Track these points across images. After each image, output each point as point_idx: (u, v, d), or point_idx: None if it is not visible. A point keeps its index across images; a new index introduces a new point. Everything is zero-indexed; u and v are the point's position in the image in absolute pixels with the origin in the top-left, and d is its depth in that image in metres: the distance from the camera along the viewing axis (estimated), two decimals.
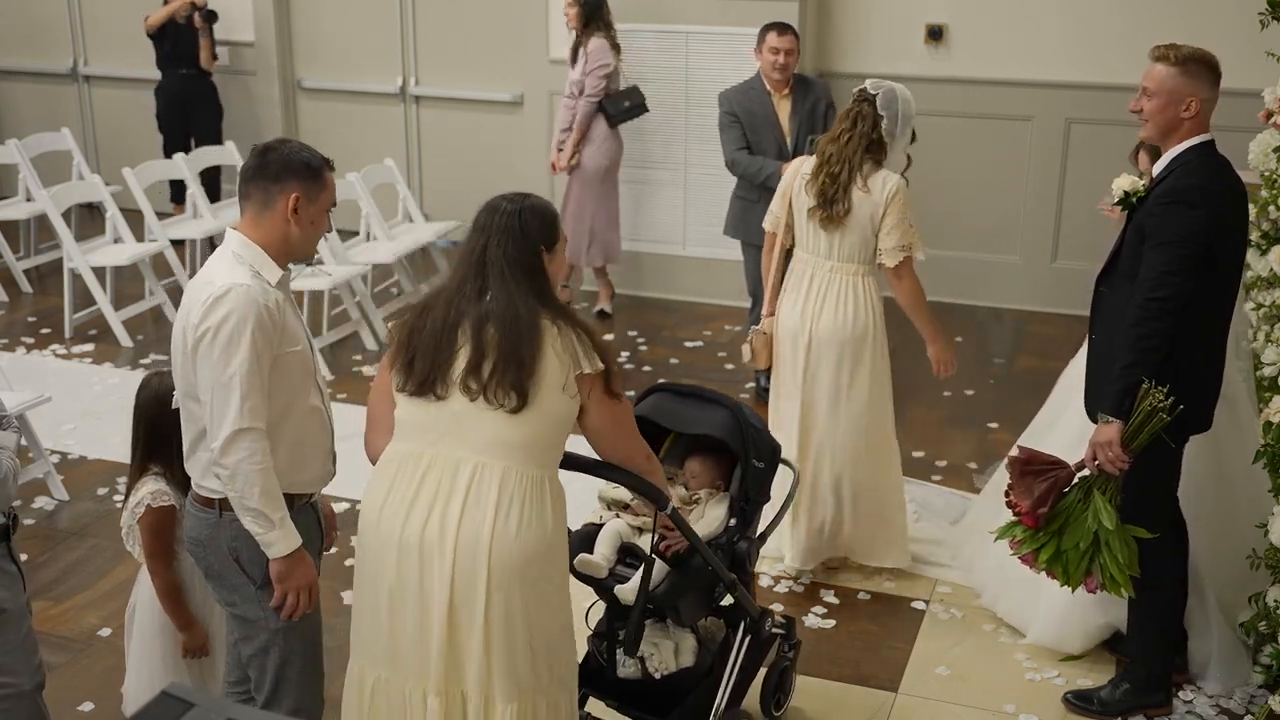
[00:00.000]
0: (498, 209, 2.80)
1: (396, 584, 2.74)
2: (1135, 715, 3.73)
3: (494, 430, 2.70)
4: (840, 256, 4.24)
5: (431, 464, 2.73)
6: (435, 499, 2.71)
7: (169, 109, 8.29)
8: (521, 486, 2.71)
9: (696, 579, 3.21)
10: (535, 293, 2.75)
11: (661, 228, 7.44)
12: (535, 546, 2.71)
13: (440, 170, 8.57)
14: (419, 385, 2.74)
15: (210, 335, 2.70)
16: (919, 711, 3.81)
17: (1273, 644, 3.71)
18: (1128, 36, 6.52)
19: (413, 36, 8.43)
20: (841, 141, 4.18)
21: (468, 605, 2.69)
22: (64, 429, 5.58)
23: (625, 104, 6.75)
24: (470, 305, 2.74)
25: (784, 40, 5.44)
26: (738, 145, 5.51)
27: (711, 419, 3.36)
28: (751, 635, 3.41)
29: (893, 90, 4.19)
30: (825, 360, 4.29)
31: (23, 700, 2.96)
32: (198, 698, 1.51)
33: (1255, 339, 4.47)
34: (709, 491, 3.41)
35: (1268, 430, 3.78)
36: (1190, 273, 3.28)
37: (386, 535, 2.74)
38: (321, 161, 2.89)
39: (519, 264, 2.75)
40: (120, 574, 4.51)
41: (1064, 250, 7.15)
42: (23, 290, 7.58)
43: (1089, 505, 3.40)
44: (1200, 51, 3.39)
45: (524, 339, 2.69)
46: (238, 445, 2.70)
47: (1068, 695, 3.82)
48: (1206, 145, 3.39)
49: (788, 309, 4.37)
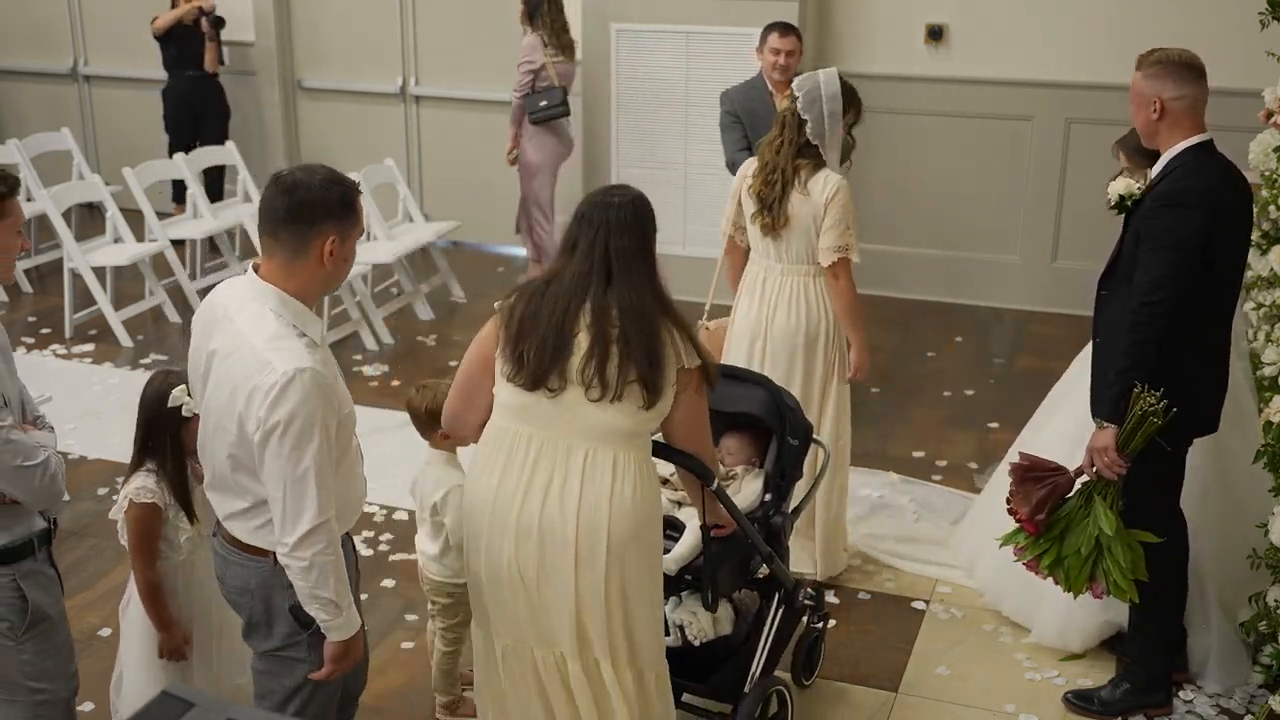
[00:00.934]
0: (611, 203, 2.84)
1: (515, 564, 2.84)
2: (1135, 715, 3.73)
3: (604, 419, 2.78)
4: (790, 259, 4.26)
5: (543, 447, 2.82)
6: (551, 482, 2.81)
7: (176, 111, 8.29)
8: (632, 467, 2.82)
9: (735, 551, 3.30)
10: (655, 288, 2.83)
11: (661, 228, 7.34)
12: (648, 515, 2.85)
13: (440, 170, 8.57)
14: (532, 380, 2.79)
15: (280, 430, 2.51)
16: (919, 711, 3.81)
17: (1273, 644, 3.71)
18: (1128, 37, 6.51)
19: (413, 36, 8.43)
20: (774, 148, 4.19)
21: (592, 579, 2.81)
22: (64, 429, 5.53)
23: (542, 103, 6.92)
24: (591, 298, 2.78)
25: (786, 41, 5.44)
26: (739, 146, 5.51)
27: (751, 397, 3.50)
28: (786, 605, 3.53)
29: (816, 88, 4.12)
30: (779, 362, 4.30)
31: (57, 707, 2.96)
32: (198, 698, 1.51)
33: (1255, 339, 4.46)
34: (745, 467, 3.53)
35: (1268, 430, 3.78)
36: (1185, 276, 3.27)
37: (503, 518, 2.84)
38: (354, 191, 2.69)
39: (641, 257, 2.83)
40: (120, 574, 4.50)
41: (1064, 250, 7.15)
42: (23, 290, 7.58)
43: (1090, 511, 3.40)
44: (1171, 53, 3.38)
45: (654, 337, 2.77)
46: (315, 539, 2.57)
47: (1068, 695, 3.82)
48: (1203, 145, 3.38)
49: (743, 310, 4.41)
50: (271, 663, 2.81)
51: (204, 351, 2.69)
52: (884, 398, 6.05)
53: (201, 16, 8.08)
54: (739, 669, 3.44)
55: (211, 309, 2.71)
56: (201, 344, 2.70)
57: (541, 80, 6.95)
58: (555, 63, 6.96)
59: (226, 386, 2.60)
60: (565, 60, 7.01)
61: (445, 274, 7.52)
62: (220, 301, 2.71)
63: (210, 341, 2.67)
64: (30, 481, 2.73)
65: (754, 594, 3.63)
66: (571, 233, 2.87)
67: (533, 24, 6.93)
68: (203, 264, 7.60)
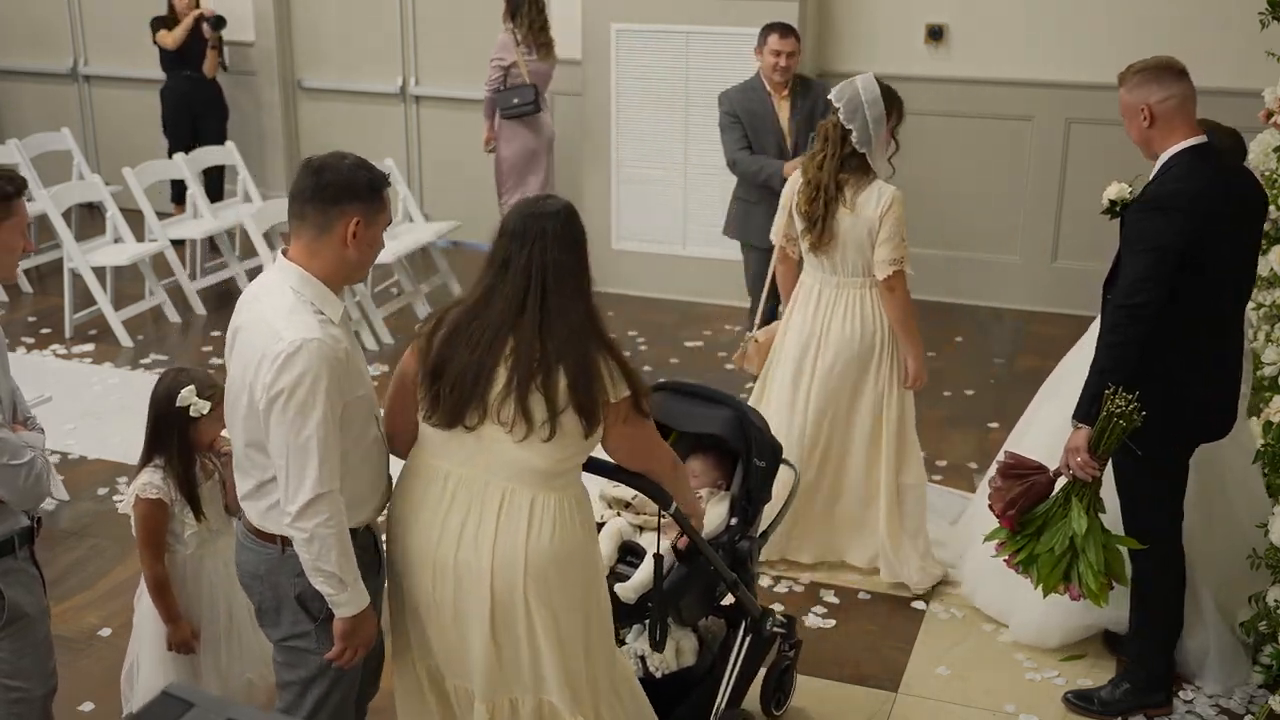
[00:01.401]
0: (544, 213, 2.66)
1: (432, 601, 2.74)
2: (1135, 715, 3.73)
3: (523, 457, 2.65)
4: (845, 272, 4.22)
5: (460, 484, 2.70)
6: (466, 520, 2.69)
7: (175, 111, 8.28)
8: (550, 510, 2.69)
9: (698, 578, 3.19)
10: (589, 309, 2.67)
11: (661, 228, 7.44)
12: (570, 551, 2.71)
13: (440, 170, 8.57)
14: (448, 419, 2.66)
15: (285, 397, 2.56)
16: (919, 711, 3.81)
17: (1273, 644, 3.71)
18: (1128, 37, 6.51)
19: (413, 36, 8.43)
20: (816, 164, 4.15)
21: (509, 620, 2.70)
22: (64, 429, 5.58)
23: (514, 100, 7.08)
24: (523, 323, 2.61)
25: (786, 43, 5.43)
26: (739, 145, 5.50)
27: (714, 418, 3.35)
28: (753, 634, 3.40)
29: (856, 95, 4.07)
30: (833, 373, 4.26)
31: (32, 706, 2.95)
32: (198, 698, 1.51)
33: (1255, 339, 4.46)
34: (710, 490, 3.40)
35: (1268, 430, 3.78)
36: (1164, 279, 3.26)
37: (419, 553, 2.74)
38: (382, 180, 2.73)
39: (576, 274, 2.66)
40: (120, 574, 4.51)
41: (1064, 250, 7.15)
42: (23, 290, 7.57)
43: (1067, 512, 3.42)
44: (1149, 61, 3.39)
45: (589, 362, 2.62)
46: (316, 510, 2.59)
47: (1068, 695, 3.82)
48: (1198, 148, 3.36)
49: (797, 322, 4.34)
50: (285, 654, 2.86)
51: (232, 330, 2.76)
52: None
53: (203, 22, 8.10)
54: (703, 702, 3.32)
55: (246, 293, 2.79)
56: (232, 323, 2.77)
57: (514, 77, 7.09)
58: (528, 60, 7.06)
59: (242, 360, 2.67)
60: (540, 59, 7.12)
61: (445, 274, 7.52)
62: (253, 286, 2.79)
63: (238, 320, 2.74)
64: (14, 481, 2.74)
65: (721, 621, 3.50)
66: (501, 248, 2.66)
67: (513, 20, 7.05)
68: (203, 264, 7.60)
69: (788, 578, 4.49)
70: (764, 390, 4.49)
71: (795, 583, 4.46)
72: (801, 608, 4.31)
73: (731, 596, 3.35)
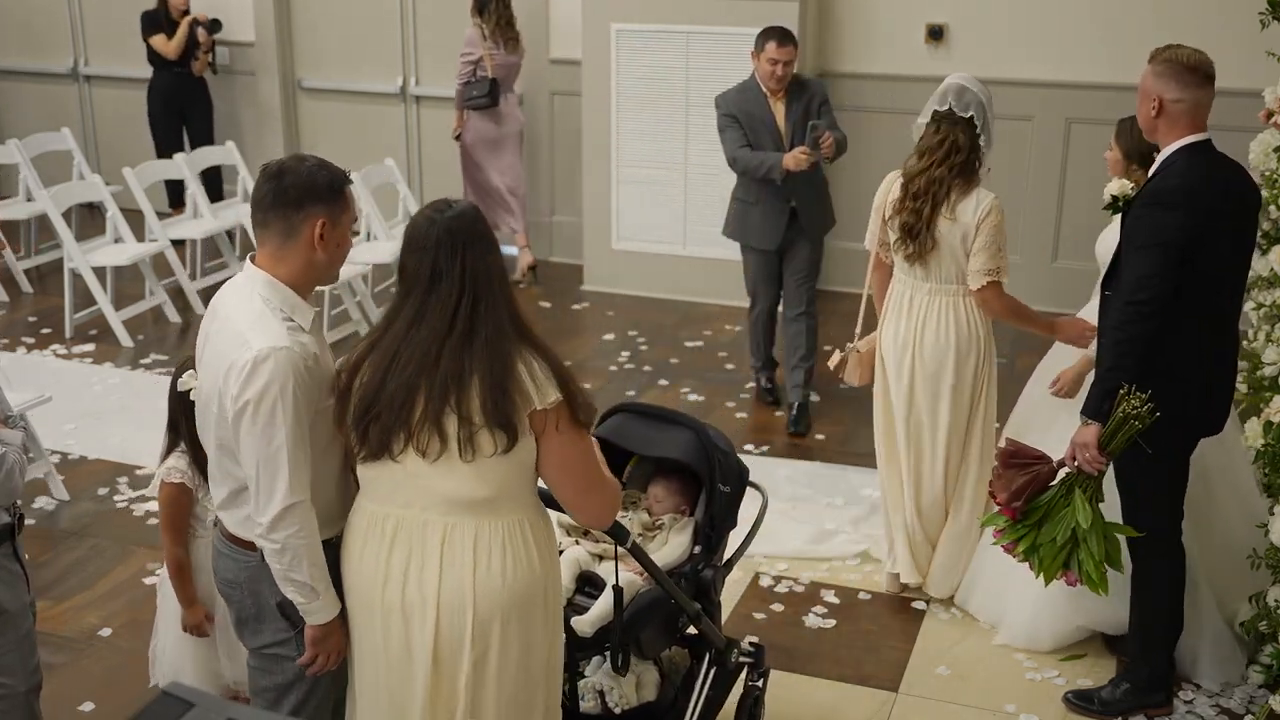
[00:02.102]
0: (455, 214, 2.51)
1: (383, 644, 2.64)
2: (1136, 715, 3.73)
3: (456, 488, 2.51)
4: (939, 279, 4.10)
5: (399, 526, 2.58)
6: (409, 563, 2.56)
7: (165, 108, 8.33)
8: (499, 537, 2.55)
9: (658, 610, 3.05)
10: (514, 312, 2.52)
11: (661, 228, 7.44)
12: (525, 589, 2.57)
13: (440, 170, 8.56)
14: (375, 449, 2.53)
15: (252, 408, 2.52)
16: (919, 711, 3.81)
17: (1273, 644, 3.71)
18: (1128, 37, 6.52)
19: (413, 36, 8.43)
20: (931, 172, 4.00)
21: (453, 659, 2.58)
22: (64, 429, 5.58)
23: (473, 94, 7.38)
24: (446, 343, 2.46)
25: (783, 51, 5.40)
26: (739, 143, 5.49)
27: (675, 441, 3.20)
28: (717, 666, 3.26)
29: (977, 100, 3.99)
30: (928, 380, 4.15)
31: (16, 702, 2.94)
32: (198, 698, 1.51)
33: (1255, 339, 4.46)
34: (673, 517, 3.25)
35: (1268, 430, 3.79)
36: (1167, 275, 3.27)
37: (365, 597, 2.63)
38: (343, 178, 2.70)
39: (500, 280, 2.52)
40: (120, 574, 4.51)
41: (1064, 250, 7.14)
42: (23, 290, 7.58)
43: (1069, 502, 3.42)
44: (1183, 54, 3.37)
45: (507, 371, 2.46)
46: (287, 521, 2.57)
47: (1068, 695, 3.82)
48: (1198, 145, 3.37)
49: (890, 331, 4.22)
50: (263, 660, 2.83)
51: (202, 338, 2.74)
52: None
53: (198, 27, 8.16)
54: None
55: (214, 303, 2.76)
56: (202, 331, 2.75)
57: (480, 70, 7.34)
58: (494, 54, 7.31)
59: (211, 367, 2.64)
60: (508, 52, 7.39)
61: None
62: (221, 294, 2.75)
63: (208, 327, 2.72)
64: None
65: (684, 652, 3.38)
66: (426, 261, 2.50)
67: (481, 15, 7.28)
68: (203, 264, 7.60)
69: (788, 578, 4.49)
70: (883, 401, 4.32)
71: (795, 583, 4.47)
72: (801, 608, 4.32)
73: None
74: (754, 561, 4.53)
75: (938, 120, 4.03)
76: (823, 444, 5.60)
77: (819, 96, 5.55)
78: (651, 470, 3.36)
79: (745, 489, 3.25)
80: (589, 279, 7.62)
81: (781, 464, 5.38)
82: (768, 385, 6.01)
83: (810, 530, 4.78)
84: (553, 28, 7.80)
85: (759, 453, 5.49)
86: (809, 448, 5.57)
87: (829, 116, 5.49)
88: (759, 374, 6.03)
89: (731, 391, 6.13)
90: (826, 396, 5.99)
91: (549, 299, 7.46)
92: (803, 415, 5.72)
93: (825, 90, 5.71)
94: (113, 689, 3.84)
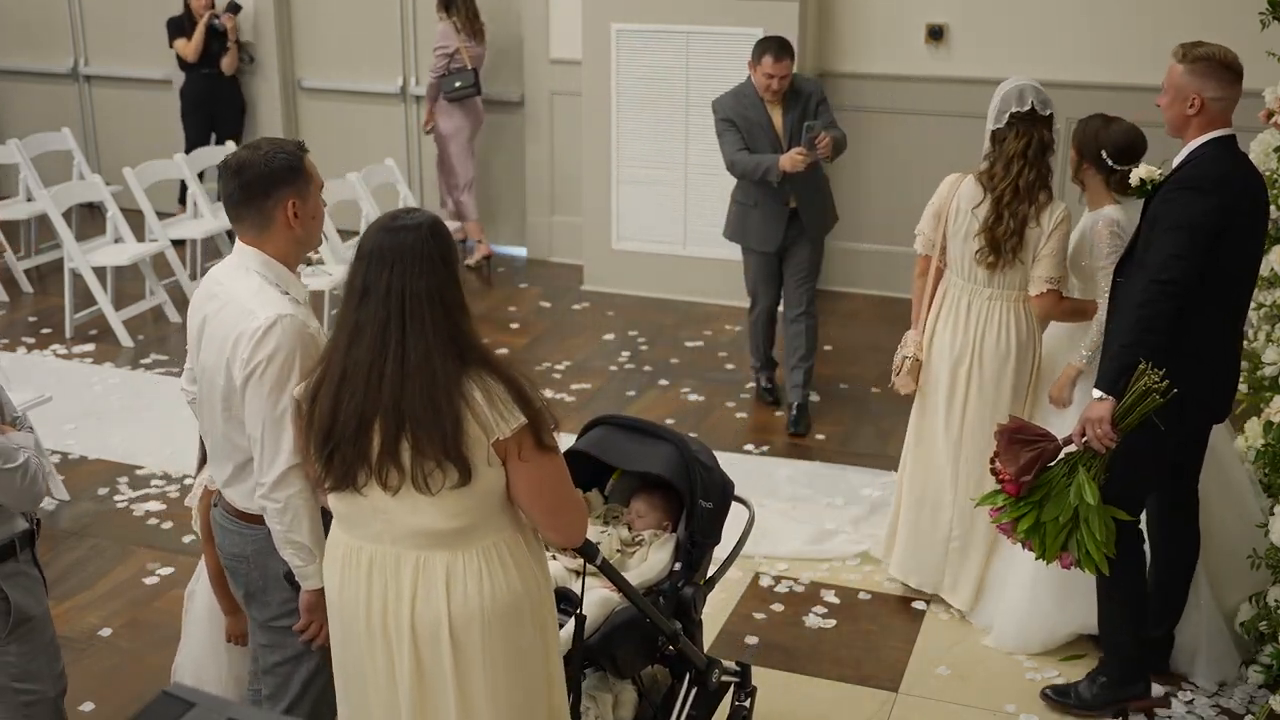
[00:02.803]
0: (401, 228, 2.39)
1: (369, 667, 2.59)
2: (1115, 707, 3.72)
3: (422, 522, 2.44)
4: (1002, 285, 4.08)
5: (373, 559, 2.52)
6: (386, 593, 2.51)
7: (195, 109, 8.41)
8: (473, 565, 2.48)
9: (633, 629, 2.96)
10: (457, 335, 2.38)
11: (661, 228, 7.44)
12: (505, 608, 2.50)
13: None
14: (340, 480, 2.46)
15: (261, 370, 2.63)
16: (919, 711, 3.81)
17: (1273, 644, 3.72)
18: (1128, 37, 6.52)
19: (413, 36, 8.42)
20: (1025, 177, 3.96)
21: (436, 680, 2.53)
22: (64, 429, 5.58)
23: (457, 84, 7.61)
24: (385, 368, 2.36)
25: (779, 66, 5.37)
26: (737, 147, 5.49)
27: (655, 456, 3.11)
28: (698, 687, 3.17)
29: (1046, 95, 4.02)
30: (988, 387, 4.11)
31: (45, 707, 2.95)
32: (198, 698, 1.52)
33: (1255, 339, 4.47)
34: (654, 533, 3.17)
35: (1268, 430, 3.79)
36: (1197, 258, 3.29)
37: (349, 623, 2.59)
38: (298, 153, 2.77)
39: (438, 299, 2.37)
40: (120, 574, 4.51)
41: None
42: (23, 290, 7.58)
43: (1072, 480, 3.41)
44: (1216, 51, 3.41)
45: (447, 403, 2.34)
46: (290, 480, 2.67)
47: (1046, 691, 3.81)
48: (1226, 139, 3.42)
49: (946, 336, 4.16)
50: (270, 635, 2.90)
51: (197, 320, 2.83)
52: (884, 397, 6.05)
53: (215, 19, 8.19)
54: None
55: (205, 284, 2.85)
56: (195, 315, 2.84)
57: (455, 63, 7.58)
58: (467, 46, 7.56)
59: (216, 341, 2.73)
60: (476, 44, 7.66)
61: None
62: (212, 275, 2.85)
63: (203, 310, 2.81)
64: (11, 484, 2.74)
65: (665, 670, 3.26)
66: (359, 274, 2.40)
67: (448, 12, 7.55)
68: (203, 264, 7.60)
69: (788, 578, 4.49)
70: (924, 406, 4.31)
71: (795, 583, 4.47)
72: (801, 608, 4.32)
73: None
74: (754, 561, 4.54)
75: (1017, 123, 3.99)
76: (823, 444, 5.60)
77: (816, 96, 5.53)
78: (635, 484, 3.30)
79: (729, 504, 3.16)
80: (589, 279, 7.62)
81: (781, 464, 5.39)
82: (768, 385, 6.01)
83: (810, 530, 4.79)
84: (553, 28, 7.80)
85: (759, 453, 5.49)
86: (809, 448, 5.57)
87: (827, 115, 5.48)
88: (759, 374, 6.03)
89: (731, 391, 6.13)
90: (826, 396, 5.99)
91: (549, 299, 7.46)
92: (802, 415, 5.72)
93: (822, 90, 5.70)
94: (113, 689, 3.85)
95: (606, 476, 3.33)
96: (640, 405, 5.97)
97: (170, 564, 4.58)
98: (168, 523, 4.88)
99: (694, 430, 5.60)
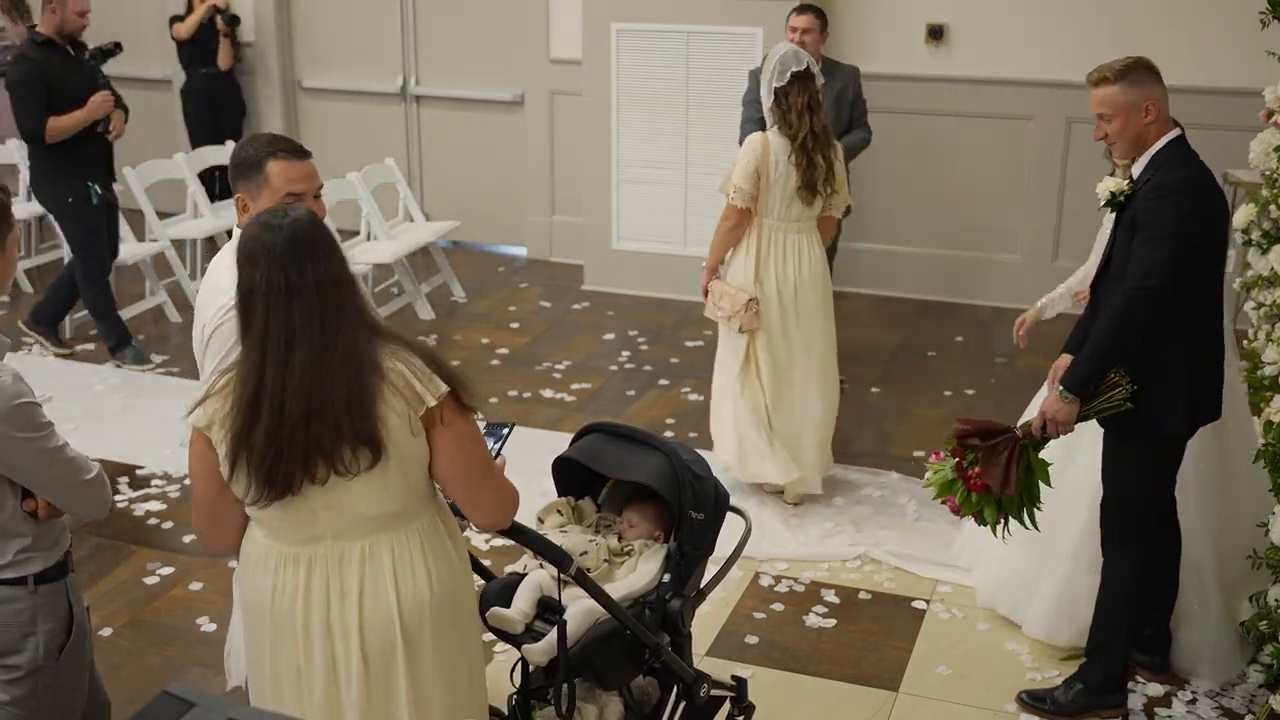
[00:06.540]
0: (271, 225, 2.35)
1: (304, 663, 2.51)
2: (1089, 716, 3.71)
3: (364, 509, 2.42)
4: (806, 219, 4.83)
5: (312, 561, 2.46)
6: (329, 590, 2.46)
7: (197, 109, 8.41)
8: (416, 542, 2.48)
9: (616, 641, 2.89)
10: (368, 318, 2.41)
11: (661, 228, 7.44)
12: (450, 588, 2.52)
13: (440, 170, 8.57)
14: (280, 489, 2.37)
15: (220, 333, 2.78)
16: (919, 711, 3.81)
17: (1273, 643, 3.71)
18: (1128, 37, 6.51)
19: (413, 36, 8.43)
20: (813, 125, 4.67)
21: (385, 670, 2.50)
22: (64, 429, 5.50)
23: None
24: (286, 365, 2.33)
25: (801, 19, 5.64)
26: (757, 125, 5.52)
27: (643, 465, 3.04)
28: (686, 701, 3.09)
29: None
30: (815, 305, 4.85)
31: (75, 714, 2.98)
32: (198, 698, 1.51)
33: (1255, 339, 4.47)
34: (645, 543, 3.10)
35: (1268, 430, 3.79)
36: (1179, 264, 3.30)
37: (284, 618, 2.50)
38: (263, 154, 2.80)
39: (349, 283, 2.39)
40: (120, 574, 4.51)
41: (1064, 250, 7.15)
42: (24, 290, 7.57)
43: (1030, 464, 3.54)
44: (1132, 60, 3.43)
45: (360, 383, 2.33)
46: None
47: (1022, 695, 3.80)
48: (1180, 140, 3.43)
49: (773, 270, 4.82)
50: None
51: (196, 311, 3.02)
52: (884, 397, 6.05)
53: (217, 15, 8.18)
54: None
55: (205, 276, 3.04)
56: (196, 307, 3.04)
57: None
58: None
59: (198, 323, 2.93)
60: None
61: (446, 274, 7.52)
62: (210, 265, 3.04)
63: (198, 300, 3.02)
64: (93, 493, 2.76)
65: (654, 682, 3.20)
66: (243, 279, 2.36)
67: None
68: (203, 264, 7.60)
69: (788, 578, 4.49)
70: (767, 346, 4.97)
71: (795, 583, 4.47)
72: (801, 608, 4.32)
73: None
74: (754, 561, 4.54)
75: (797, 80, 4.63)
76: None
77: (852, 86, 5.68)
78: (629, 493, 3.23)
79: (723, 515, 3.09)
80: (589, 279, 7.62)
81: None
82: None
83: (810, 530, 4.79)
84: (553, 27, 7.80)
85: None
86: None
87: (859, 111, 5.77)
88: None
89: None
90: None
91: (549, 299, 7.46)
92: None
93: (859, 79, 5.83)
94: (113, 689, 3.82)
95: (600, 485, 3.28)
96: (640, 405, 5.97)
97: (170, 564, 4.58)
98: (168, 523, 4.88)
99: (694, 431, 5.60)
